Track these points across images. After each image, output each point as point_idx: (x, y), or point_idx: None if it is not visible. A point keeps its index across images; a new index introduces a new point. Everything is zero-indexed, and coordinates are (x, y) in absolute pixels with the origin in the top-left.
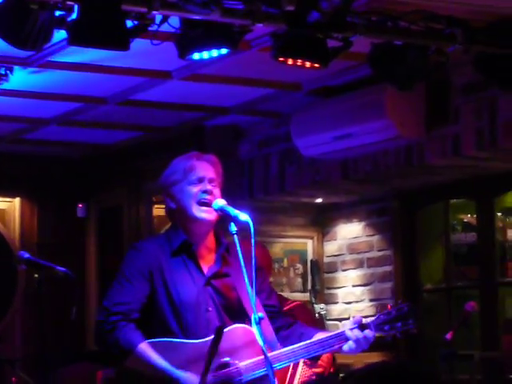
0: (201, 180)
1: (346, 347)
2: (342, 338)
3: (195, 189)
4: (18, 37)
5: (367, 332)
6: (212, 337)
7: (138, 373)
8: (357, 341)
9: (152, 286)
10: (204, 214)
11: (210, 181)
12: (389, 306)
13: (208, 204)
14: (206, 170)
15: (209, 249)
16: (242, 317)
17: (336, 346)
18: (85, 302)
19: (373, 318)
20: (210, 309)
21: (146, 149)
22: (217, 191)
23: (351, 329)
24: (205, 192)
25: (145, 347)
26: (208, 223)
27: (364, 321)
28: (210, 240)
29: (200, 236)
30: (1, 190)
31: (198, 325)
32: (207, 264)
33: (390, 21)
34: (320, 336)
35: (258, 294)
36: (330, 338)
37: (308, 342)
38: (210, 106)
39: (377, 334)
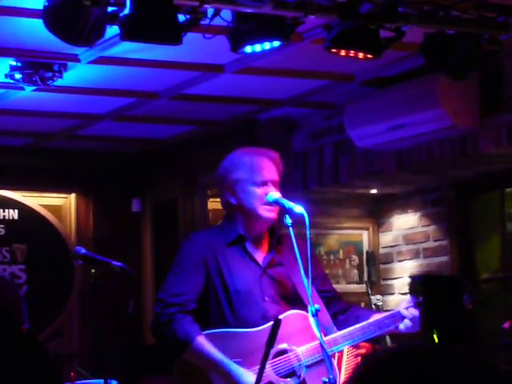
0: (265, 183)
1: (402, 326)
2: (398, 317)
3: (260, 190)
4: (71, 33)
5: None
6: (268, 325)
7: (196, 366)
8: (413, 319)
9: (207, 275)
10: (270, 213)
11: (274, 183)
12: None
13: (271, 203)
14: (270, 171)
15: (263, 241)
16: (299, 305)
17: (392, 326)
18: (141, 296)
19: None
20: (267, 298)
21: (200, 143)
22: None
23: (407, 307)
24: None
25: (202, 340)
26: (272, 222)
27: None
28: (265, 234)
29: (257, 232)
30: (56, 187)
31: (253, 314)
32: (261, 254)
33: (441, 10)
34: (376, 317)
35: (312, 280)
36: (386, 318)
37: (364, 323)
38: (263, 99)
39: None
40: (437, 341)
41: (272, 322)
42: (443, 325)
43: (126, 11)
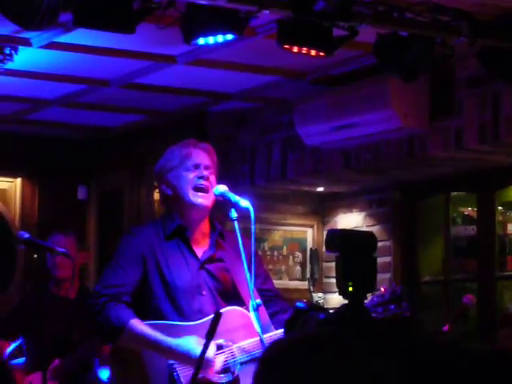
0: (197, 166)
1: None
2: None
3: (191, 175)
4: (24, 17)
5: None
6: (207, 319)
7: (130, 353)
8: None
9: (145, 270)
10: (200, 199)
11: (206, 167)
12: (383, 289)
13: (204, 190)
14: (201, 157)
15: (203, 234)
16: (237, 301)
17: None
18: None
19: (367, 300)
20: (205, 293)
21: (149, 133)
22: (213, 178)
23: None
24: (201, 178)
25: (136, 322)
26: (204, 209)
27: None
28: (205, 225)
29: (195, 221)
30: (2, 170)
31: (191, 308)
32: (201, 249)
33: (396, 11)
34: None
35: (254, 278)
36: None
37: None
38: (214, 92)
39: None
40: (351, 291)
41: (212, 316)
42: (357, 277)
43: None
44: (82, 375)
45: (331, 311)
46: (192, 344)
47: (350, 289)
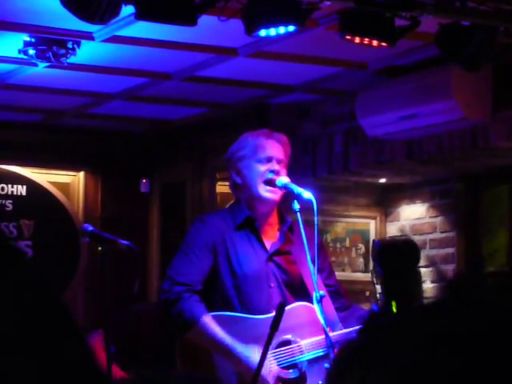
0: (269, 159)
1: None
2: None
3: (263, 167)
4: (86, 10)
5: None
6: (274, 313)
7: (200, 346)
8: None
9: (215, 258)
10: (269, 193)
11: (279, 161)
12: None
13: (274, 184)
14: (275, 149)
15: (272, 226)
16: (304, 294)
17: None
18: (146, 277)
19: None
20: (272, 285)
21: (210, 125)
22: (283, 172)
23: None
24: (272, 172)
25: (208, 320)
26: (272, 203)
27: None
28: (274, 217)
29: (263, 214)
30: (66, 164)
31: (259, 300)
32: (270, 240)
33: (458, 1)
34: None
35: (319, 272)
36: None
37: None
38: (275, 84)
39: None
40: (395, 311)
41: (281, 310)
42: (401, 296)
43: None
44: None
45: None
46: (254, 354)
47: (394, 310)
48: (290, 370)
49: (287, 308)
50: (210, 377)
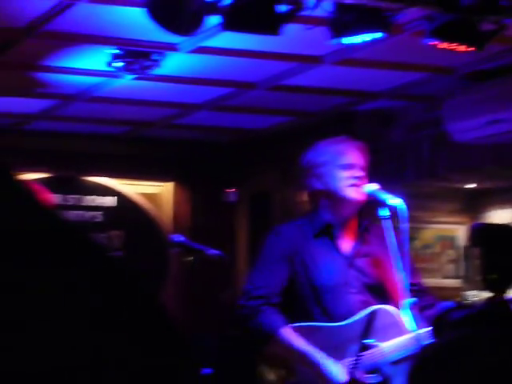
0: (352, 166)
1: None
2: None
3: (346, 173)
4: (171, 22)
5: None
6: (353, 320)
7: (280, 358)
8: None
9: (292, 269)
10: (355, 193)
11: (361, 168)
12: None
13: (359, 187)
14: (356, 156)
15: (351, 230)
16: (385, 296)
17: None
18: (235, 286)
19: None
20: (353, 290)
21: (296, 134)
22: (365, 179)
23: None
24: (356, 177)
25: (287, 331)
26: (357, 204)
27: None
28: (354, 222)
29: (345, 218)
30: (154, 175)
31: (339, 307)
32: (348, 244)
33: None
34: None
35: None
36: None
37: None
38: (360, 91)
39: None
40: (495, 284)
41: (360, 315)
42: (501, 270)
43: (228, 1)
44: None
45: (474, 309)
46: (335, 369)
47: (494, 283)
48: (373, 375)
49: (368, 311)
50: None
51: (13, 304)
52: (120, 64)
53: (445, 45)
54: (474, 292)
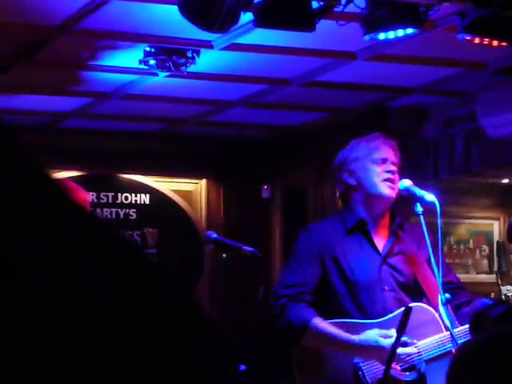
0: (384, 161)
1: None
2: None
3: (379, 168)
4: (205, 19)
5: None
6: (389, 316)
7: (314, 352)
8: None
9: (324, 267)
10: (389, 190)
11: (393, 163)
12: None
13: (393, 181)
14: (389, 152)
15: (384, 227)
16: (419, 294)
17: None
18: (270, 283)
19: None
20: (387, 288)
21: (330, 130)
22: (397, 175)
23: None
24: (389, 172)
25: (318, 321)
26: (389, 201)
27: None
28: (386, 218)
29: (378, 214)
30: (187, 172)
31: (374, 305)
32: (381, 242)
33: None
34: None
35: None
36: None
37: None
38: (394, 87)
39: None
40: None
41: (397, 312)
42: None
43: None
44: None
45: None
46: (377, 336)
47: None
48: (407, 373)
49: (404, 309)
50: None
51: (58, 305)
52: (153, 61)
53: (477, 40)
54: (509, 287)
